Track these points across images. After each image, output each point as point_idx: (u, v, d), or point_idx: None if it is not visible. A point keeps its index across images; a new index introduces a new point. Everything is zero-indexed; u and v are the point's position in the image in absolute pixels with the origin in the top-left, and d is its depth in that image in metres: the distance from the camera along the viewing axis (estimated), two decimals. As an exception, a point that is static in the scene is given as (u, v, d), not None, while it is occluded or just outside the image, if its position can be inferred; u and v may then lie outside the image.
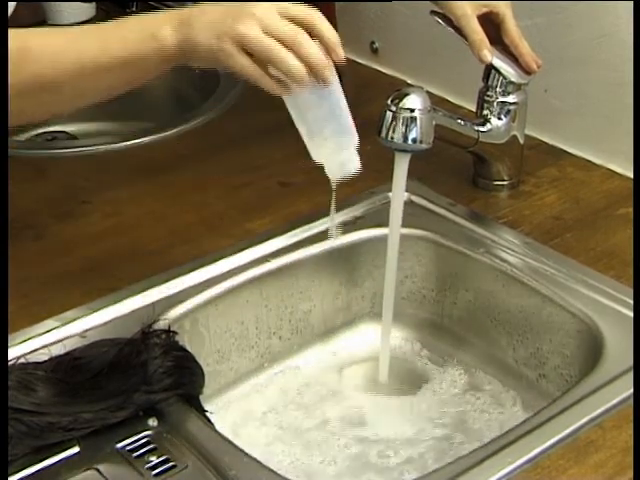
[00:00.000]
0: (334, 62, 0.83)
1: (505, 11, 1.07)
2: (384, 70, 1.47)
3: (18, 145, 1.35)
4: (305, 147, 1.27)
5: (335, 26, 1.38)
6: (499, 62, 1.08)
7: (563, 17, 1.19)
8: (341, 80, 0.85)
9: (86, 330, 0.93)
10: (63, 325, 0.93)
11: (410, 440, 0.98)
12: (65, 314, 0.94)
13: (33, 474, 0.77)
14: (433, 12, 1.10)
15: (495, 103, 1.10)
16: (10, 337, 0.87)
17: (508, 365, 1.05)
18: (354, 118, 1.34)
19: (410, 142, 0.98)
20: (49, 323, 0.93)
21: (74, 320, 0.94)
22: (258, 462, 0.79)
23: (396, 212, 1.01)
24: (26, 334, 0.91)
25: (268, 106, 1.38)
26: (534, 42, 1.21)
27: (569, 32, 1.19)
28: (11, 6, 0.94)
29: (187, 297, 0.97)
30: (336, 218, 1.10)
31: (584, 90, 1.20)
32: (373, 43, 1.47)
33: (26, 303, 0.96)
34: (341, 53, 0.83)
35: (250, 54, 0.81)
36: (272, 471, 0.79)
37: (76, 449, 0.79)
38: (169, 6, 1.60)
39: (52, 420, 0.77)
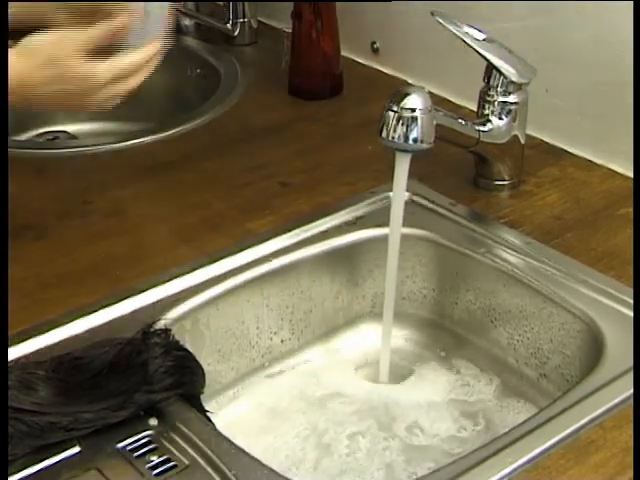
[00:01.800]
0: None
1: None
2: (385, 70, 1.47)
3: (19, 145, 1.35)
4: (305, 147, 1.28)
5: (336, 26, 1.40)
6: (500, 61, 1.08)
7: (564, 17, 1.19)
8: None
9: (87, 330, 0.93)
10: (63, 325, 0.93)
11: (414, 435, 0.98)
12: (65, 314, 0.94)
13: (34, 474, 0.77)
14: (434, 12, 1.10)
15: (496, 103, 1.10)
16: (10, 337, 0.87)
17: (509, 365, 1.05)
18: (355, 118, 1.35)
19: (411, 142, 0.98)
20: (49, 323, 0.93)
21: (74, 320, 0.94)
22: (259, 461, 0.79)
23: (397, 212, 1.01)
24: (26, 334, 0.91)
25: (268, 106, 1.40)
26: (535, 42, 1.21)
27: (570, 32, 1.19)
28: None
29: (188, 297, 0.98)
30: (337, 218, 1.11)
31: (585, 90, 1.20)
32: (374, 43, 1.47)
33: (26, 303, 0.96)
34: None
35: None
36: (273, 470, 0.79)
37: (77, 449, 0.79)
38: (172, 7, 1.61)
39: (53, 420, 0.78)
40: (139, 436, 0.80)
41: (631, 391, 0.85)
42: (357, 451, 0.96)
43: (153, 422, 0.82)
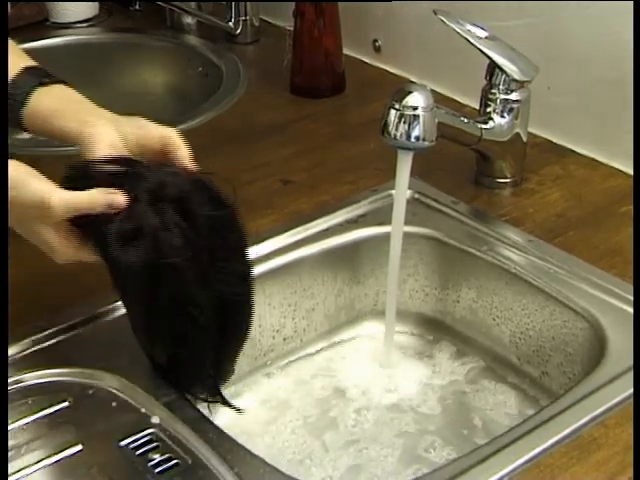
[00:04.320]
0: None
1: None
2: (387, 68, 1.47)
3: (20, 144, 1.35)
4: (307, 145, 1.28)
5: (338, 25, 1.40)
6: (502, 59, 1.08)
7: (566, 15, 1.19)
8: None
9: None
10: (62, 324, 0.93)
11: (413, 433, 0.98)
12: (65, 314, 0.94)
13: (35, 472, 0.77)
14: (436, 10, 1.10)
15: (498, 101, 1.10)
16: (11, 337, 0.87)
17: (511, 363, 1.05)
18: (357, 117, 1.35)
19: (413, 140, 0.98)
20: (47, 323, 0.93)
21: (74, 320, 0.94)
22: (261, 460, 0.79)
23: (399, 210, 1.01)
24: (26, 334, 0.91)
25: (270, 105, 1.40)
26: (537, 40, 1.21)
27: (572, 30, 1.19)
28: None
29: (190, 295, 0.97)
30: (339, 216, 1.11)
31: (587, 88, 1.20)
32: (376, 41, 1.47)
33: (26, 304, 0.96)
34: None
35: None
36: (275, 468, 0.79)
37: (79, 447, 0.79)
38: (174, 5, 1.62)
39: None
40: (141, 434, 0.80)
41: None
42: (359, 452, 0.97)
43: (155, 420, 0.82)
